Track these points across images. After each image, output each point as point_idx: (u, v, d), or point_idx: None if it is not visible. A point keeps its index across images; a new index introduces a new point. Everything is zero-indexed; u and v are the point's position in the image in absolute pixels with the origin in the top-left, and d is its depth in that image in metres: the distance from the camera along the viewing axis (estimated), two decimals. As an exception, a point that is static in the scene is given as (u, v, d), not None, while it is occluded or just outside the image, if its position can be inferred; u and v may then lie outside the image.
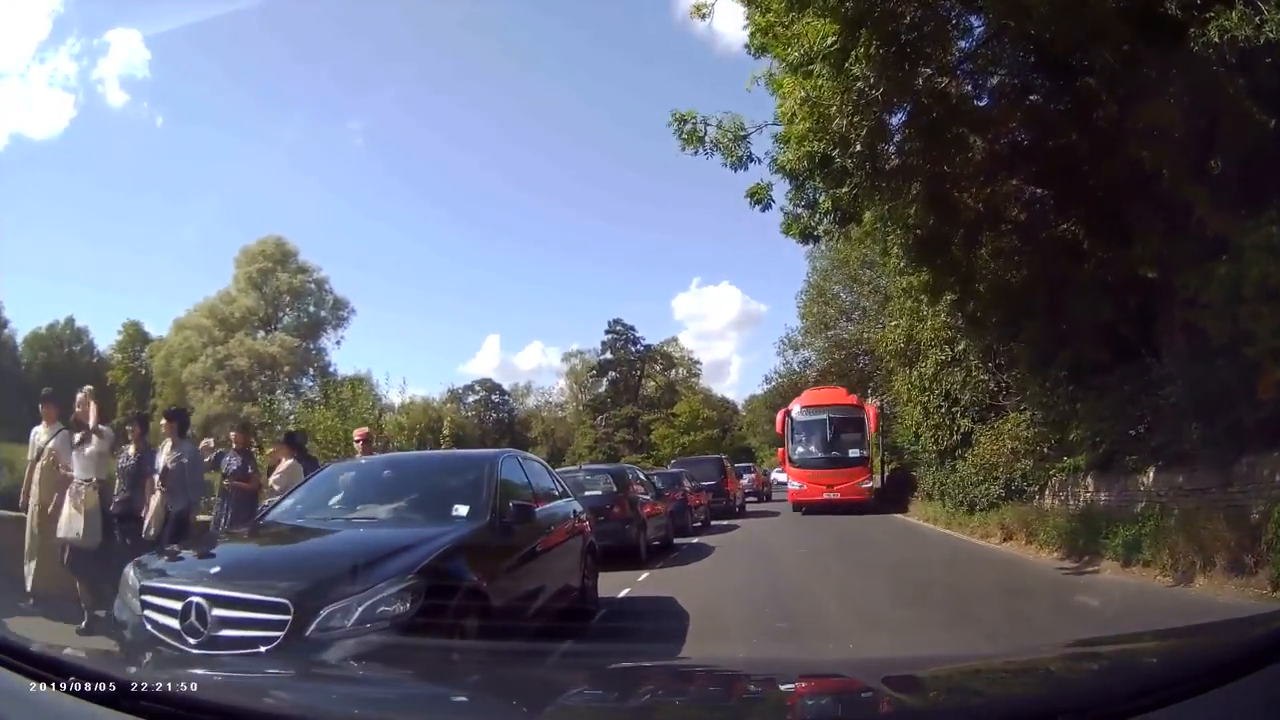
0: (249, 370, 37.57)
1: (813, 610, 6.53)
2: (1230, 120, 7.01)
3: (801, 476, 19.49)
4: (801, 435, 19.82)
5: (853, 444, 19.64)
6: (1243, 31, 5.48)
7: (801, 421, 19.99)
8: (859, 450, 19.68)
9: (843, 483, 18.78)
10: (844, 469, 19.09)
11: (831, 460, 19.22)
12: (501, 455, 5.63)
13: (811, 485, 19.08)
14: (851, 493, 18.69)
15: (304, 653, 3.21)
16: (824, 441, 19.47)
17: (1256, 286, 5.88)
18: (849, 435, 19.68)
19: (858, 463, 19.48)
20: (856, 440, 19.73)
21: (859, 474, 19.35)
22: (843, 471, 19.02)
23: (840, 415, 19.83)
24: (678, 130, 8.78)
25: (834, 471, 18.98)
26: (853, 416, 20.00)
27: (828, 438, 19.40)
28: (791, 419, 20.12)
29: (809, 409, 20.09)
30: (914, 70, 7.61)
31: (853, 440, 19.67)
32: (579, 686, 2.12)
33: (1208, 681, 1.24)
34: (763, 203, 9.22)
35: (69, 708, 1.37)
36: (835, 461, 19.19)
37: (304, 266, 41.49)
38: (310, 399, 18.68)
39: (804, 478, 19.39)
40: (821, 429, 19.60)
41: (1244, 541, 6.02)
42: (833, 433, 19.45)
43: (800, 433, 19.87)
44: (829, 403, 20.18)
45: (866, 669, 2.20)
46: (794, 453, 19.81)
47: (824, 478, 19.00)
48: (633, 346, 49.58)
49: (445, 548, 4.06)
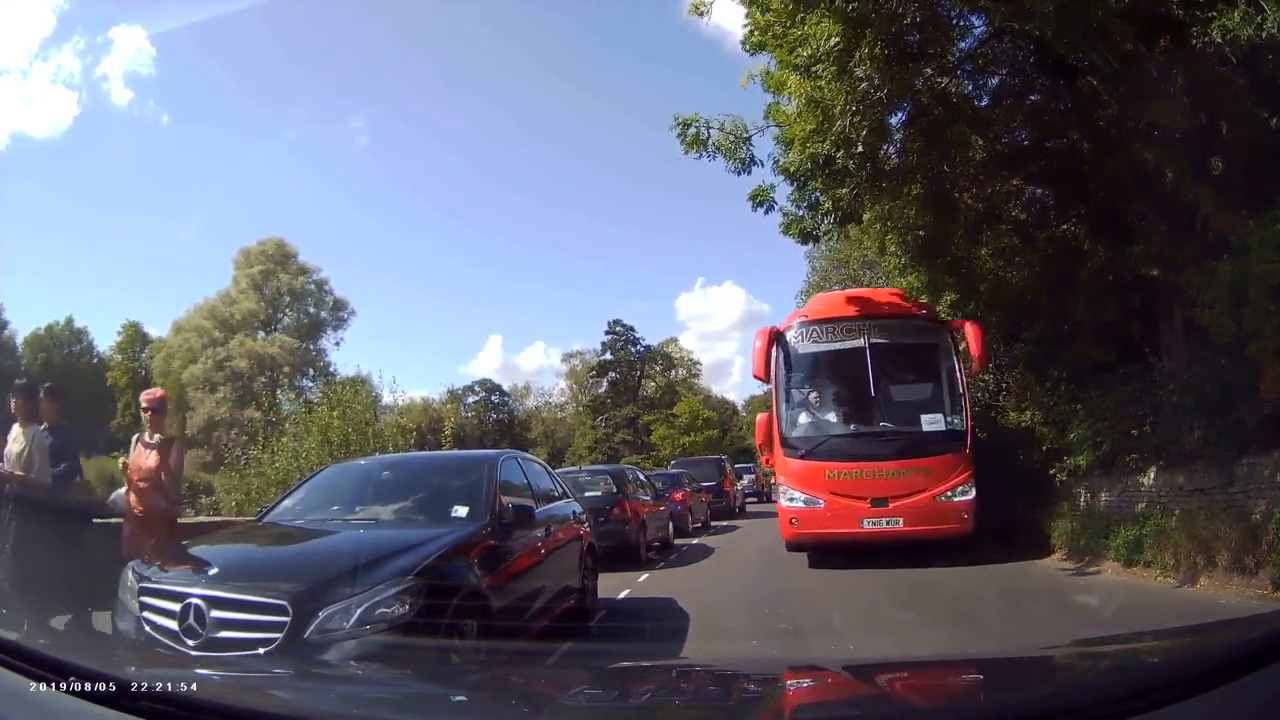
0: (249, 371, 37.58)
1: (813, 611, 6.53)
2: (1231, 118, 7.02)
3: (810, 480, 8.91)
4: (808, 388, 9.52)
5: (927, 401, 9.22)
6: (1244, 32, 5.48)
7: (807, 355, 9.48)
8: (944, 416, 9.01)
9: (909, 492, 8.56)
10: (911, 461, 8.74)
11: (881, 440, 8.95)
12: (501, 456, 5.63)
13: (836, 500, 8.72)
14: (930, 516, 8.50)
15: (303, 654, 3.21)
16: (862, 397, 9.17)
17: (1263, 283, 5.87)
18: (917, 383, 9.60)
19: (941, 445, 8.85)
20: (934, 394, 9.28)
21: (946, 470, 8.68)
22: (909, 467, 8.69)
23: (896, 338, 9.41)
24: (681, 134, 8.78)
25: (887, 468, 8.72)
26: (923, 343, 9.49)
27: (870, 388, 9.02)
28: (786, 352, 9.43)
29: (825, 327, 9.50)
30: (916, 70, 7.62)
31: (927, 394, 9.33)
32: (579, 686, 2.12)
33: (1208, 681, 1.24)
34: (765, 205, 9.22)
35: (69, 708, 1.37)
36: (889, 443, 8.91)
37: (304, 267, 41.54)
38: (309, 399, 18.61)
39: (816, 483, 8.86)
40: (854, 371, 9.16)
41: (1245, 542, 6.02)
42: (882, 376, 9.14)
43: (805, 383, 9.53)
44: (869, 313, 9.63)
45: (866, 669, 2.20)
46: (791, 428, 9.30)
47: (864, 481, 8.73)
48: (633, 347, 49.59)
49: (445, 549, 4.06)
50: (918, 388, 9.60)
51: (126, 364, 45.63)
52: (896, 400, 9.36)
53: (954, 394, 9.07)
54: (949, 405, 9.06)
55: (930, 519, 8.48)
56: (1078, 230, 9.95)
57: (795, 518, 8.93)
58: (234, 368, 37.30)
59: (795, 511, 8.95)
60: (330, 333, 42.35)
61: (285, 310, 41.57)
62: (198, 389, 37.22)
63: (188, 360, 38.06)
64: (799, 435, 9.22)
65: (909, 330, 9.64)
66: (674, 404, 46.17)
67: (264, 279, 40.25)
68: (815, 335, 9.42)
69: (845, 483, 8.70)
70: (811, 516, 8.78)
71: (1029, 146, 9.82)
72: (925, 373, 9.51)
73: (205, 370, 37.20)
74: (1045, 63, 8.25)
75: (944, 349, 9.27)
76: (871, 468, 8.72)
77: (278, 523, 4.84)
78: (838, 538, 8.76)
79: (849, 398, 9.42)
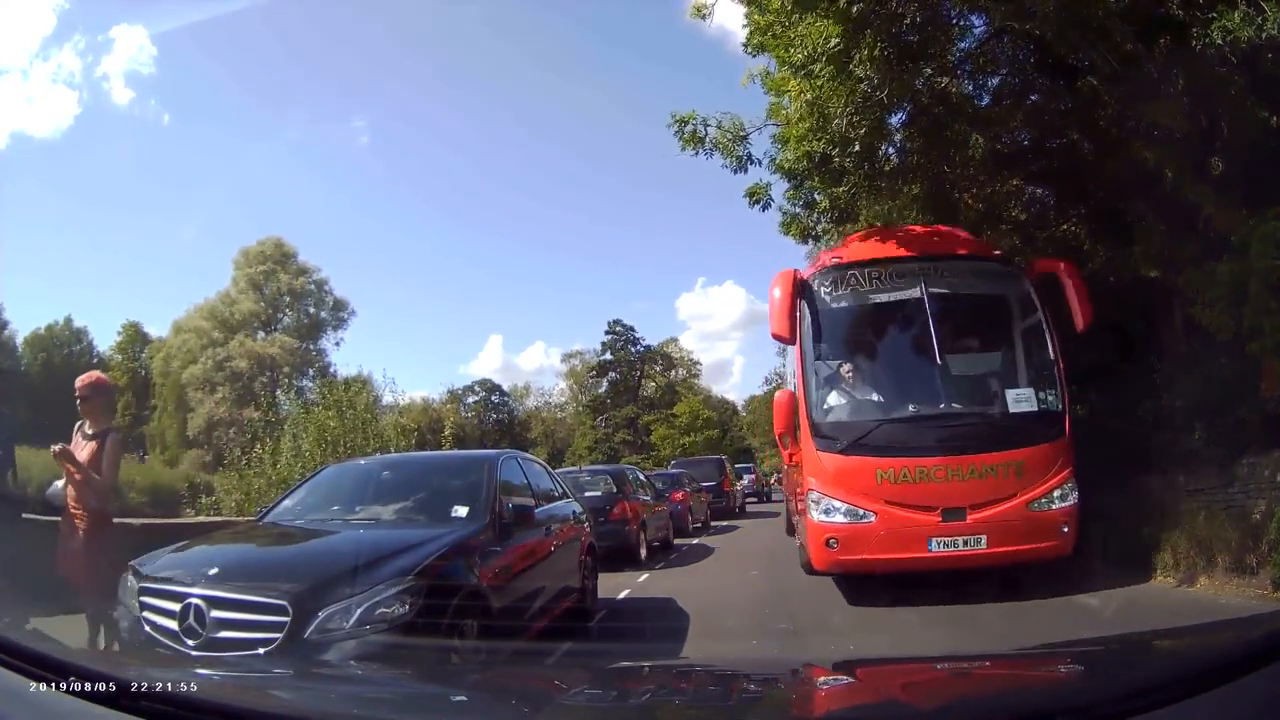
0: (249, 372, 37.60)
1: (813, 610, 6.53)
2: (1231, 118, 7.01)
3: (854, 483, 6.25)
4: (846, 354, 6.94)
5: (1009, 371, 6.87)
6: (1245, 32, 5.48)
7: (846, 311, 6.97)
8: (1035, 392, 6.52)
9: (994, 498, 6.07)
10: (997, 455, 6.14)
11: (954, 426, 6.29)
12: (501, 456, 5.63)
13: (892, 513, 6.11)
14: (1022, 531, 6.03)
15: (303, 654, 3.22)
16: (922, 366, 6.59)
17: (1262, 281, 5.87)
18: (994, 348, 7.14)
19: (1034, 431, 6.30)
20: (1017, 362, 6.89)
21: (1042, 465, 6.19)
22: (995, 463, 6.12)
23: (963, 287, 6.86)
24: (678, 131, 8.79)
25: (965, 464, 6.11)
26: (1000, 293, 7.01)
27: (934, 354, 6.42)
28: (816, 306, 6.83)
29: (868, 272, 6.88)
30: (916, 70, 7.62)
31: (1008, 363, 6.96)
32: (579, 686, 2.12)
33: (1208, 681, 1.24)
34: (761, 202, 9.24)
35: (69, 708, 1.37)
36: (966, 430, 6.28)
37: (304, 267, 41.61)
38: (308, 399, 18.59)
39: (863, 487, 6.21)
40: (911, 331, 6.79)
41: (1245, 542, 6.01)
42: (948, 337, 6.62)
43: (842, 347, 6.97)
44: (926, 252, 7.13)
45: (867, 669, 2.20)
46: (824, 410, 6.64)
47: (932, 486, 6.10)
48: (633, 347, 49.62)
49: (445, 549, 4.06)
50: (995, 354, 7.02)
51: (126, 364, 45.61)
52: (969, 371, 6.84)
53: (1043, 362, 6.55)
54: (1038, 377, 6.57)
55: (1022, 535, 5.95)
56: (1078, 230, 9.95)
57: (834, 538, 6.14)
58: (234, 368, 37.33)
59: (834, 529, 6.15)
60: (330, 333, 42.46)
61: (285, 310, 41.62)
62: (198, 389, 37.26)
63: (187, 360, 38.09)
64: (837, 420, 6.50)
65: (980, 276, 6.94)
66: (674, 404, 46.21)
67: (264, 279, 40.29)
68: (855, 283, 6.80)
69: (906, 488, 6.07)
70: (858, 536, 6.07)
71: (1029, 146, 9.82)
72: (1004, 333, 6.94)
73: (205, 370, 37.23)
74: (1045, 63, 8.25)
75: (1027, 301, 6.73)
76: (943, 465, 6.04)
77: (278, 523, 4.84)
78: (895, 566, 6.06)
79: (905, 367, 6.79)
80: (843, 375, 6.83)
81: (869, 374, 6.92)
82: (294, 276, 41.15)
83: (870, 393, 6.82)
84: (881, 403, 6.72)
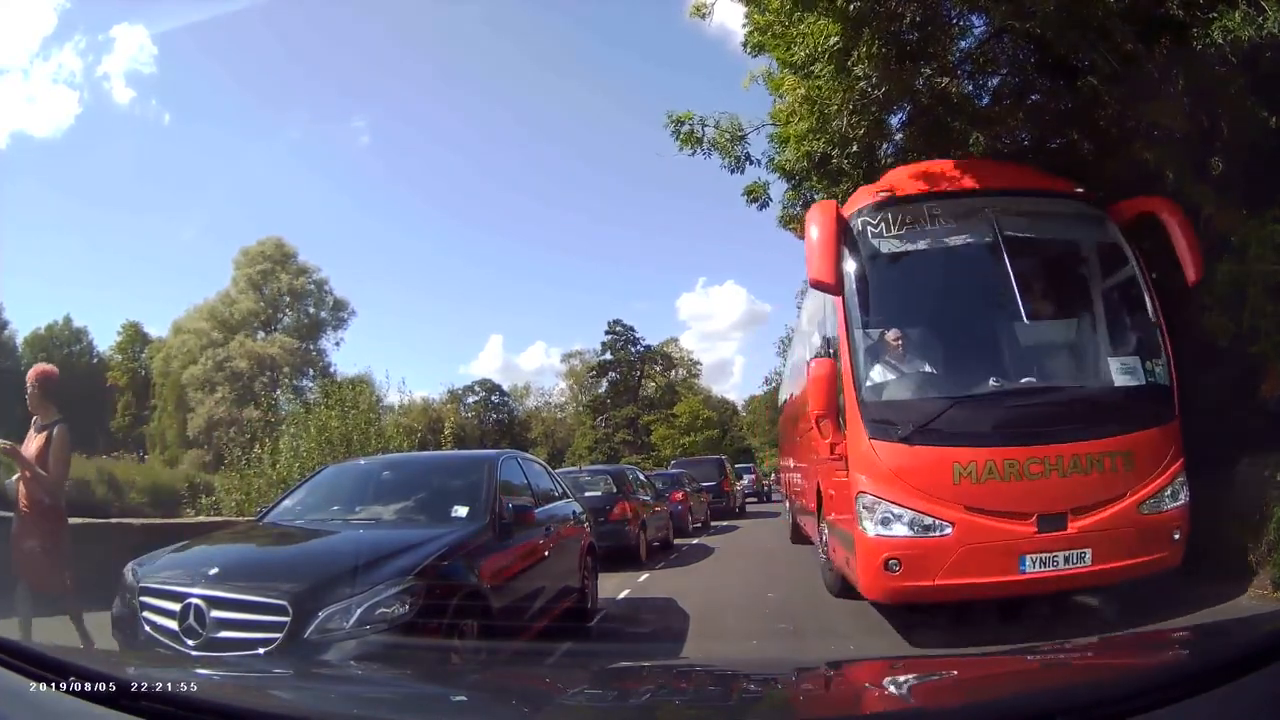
0: (249, 371, 37.61)
1: (813, 610, 6.52)
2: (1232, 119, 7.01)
3: (924, 482, 4.73)
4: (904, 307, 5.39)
5: (1104, 336, 5.35)
6: (1245, 32, 5.48)
7: (900, 257, 5.32)
8: (1137, 363, 5.07)
9: (1101, 499, 4.69)
10: (1102, 441, 4.74)
11: (1048, 404, 4.87)
12: (501, 456, 5.63)
13: (976, 522, 4.63)
14: (1132, 541, 4.67)
15: (303, 654, 3.22)
16: (1001, 327, 5.18)
17: (1261, 282, 5.87)
18: (1084, 307, 5.53)
19: (1141, 411, 4.94)
20: (1112, 325, 5.41)
21: (1151, 454, 4.84)
22: (1101, 452, 4.72)
23: (1042, 229, 5.52)
24: (675, 131, 8.80)
25: (1067, 454, 4.68)
26: (1085, 238, 5.61)
27: (1017, 311, 4.97)
28: (862, 251, 5.22)
29: (927, 208, 5.38)
30: (915, 70, 7.62)
31: (1102, 326, 5.41)
32: (579, 686, 2.12)
33: (1208, 681, 1.24)
34: (760, 201, 9.25)
35: (69, 708, 1.37)
36: (1064, 410, 4.84)
37: (304, 267, 41.63)
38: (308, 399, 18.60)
39: (935, 487, 4.70)
40: (983, 283, 5.28)
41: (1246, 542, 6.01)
42: (1029, 291, 5.10)
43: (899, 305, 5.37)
44: (996, 185, 5.70)
45: (867, 669, 2.20)
46: (879, 386, 5.04)
47: (1026, 484, 4.63)
48: (632, 347, 49.62)
49: (445, 549, 4.06)
50: (1086, 313, 5.48)
51: (126, 364, 45.65)
52: (1059, 335, 5.41)
53: (1143, 323, 5.18)
54: (1139, 343, 5.17)
55: (1131, 546, 4.66)
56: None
57: (897, 558, 4.67)
58: (234, 368, 37.35)
59: (897, 546, 4.69)
60: (330, 333, 42.51)
61: (285, 310, 41.65)
62: (197, 389, 37.26)
63: (187, 361, 38.10)
64: (897, 399, 4.98)
65: (1062, 218, 5.53)
66: (674, 404, 46.21)
67: (264, 279, 40.30)
68: (911, 222, 5.26)
69: (993, 488, 4.61)
70: (930, 555, 4.63)
71: (1029, 146, 9.79)
72: (1095, 287, 5.51)
73: (205, 371, 37.25)
74: (1045, 63, 8.24)
75: (1117, 249, 5.36)
76: (1039, 456, 4.65)
77: (278, 523, 4.84)
78: (976, 593, 4.71)
79: (980, 329, 5.29)
80: (896, 341, 5.18)
81: (933, 338, 5.32)
82: (294, 276, 41.17)
83: (936, 362, 5.19)
84: (952, 375, 5.10)
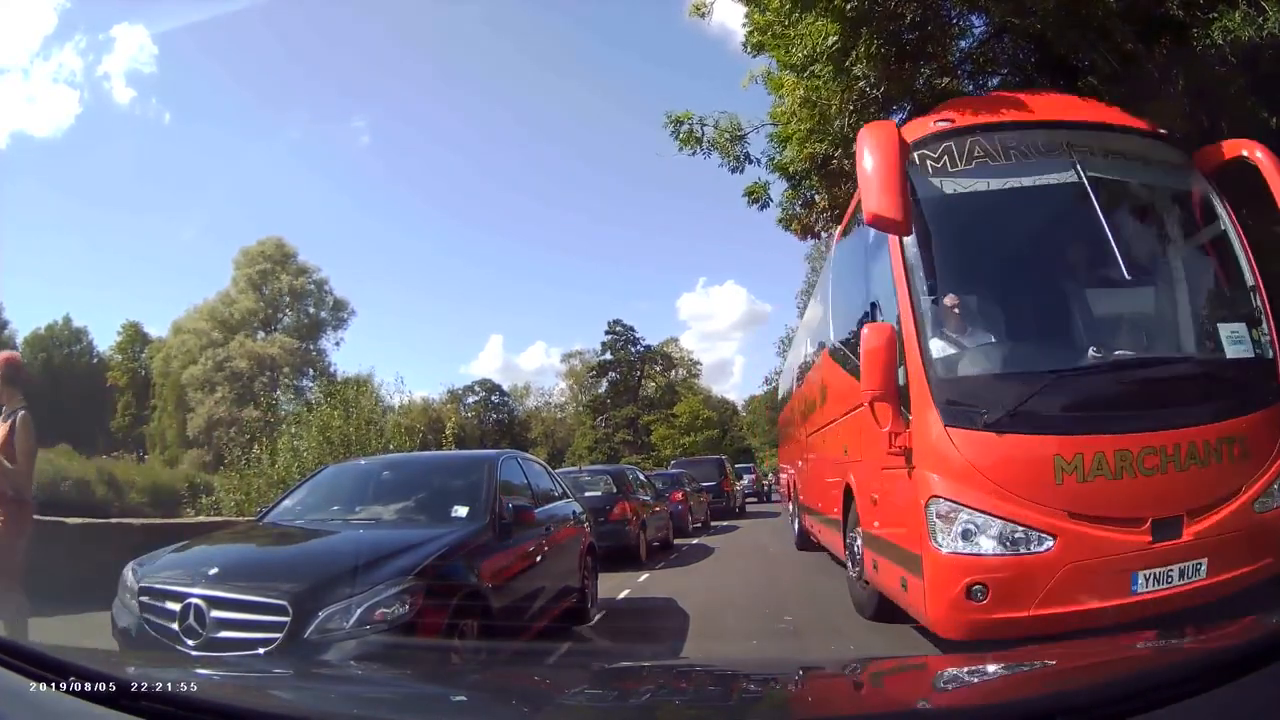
0: (249, 371, 37.62)
1: (813, 610, 6.53)
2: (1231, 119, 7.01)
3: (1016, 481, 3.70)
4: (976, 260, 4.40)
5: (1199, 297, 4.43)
6: (1245, 33, 5.49)
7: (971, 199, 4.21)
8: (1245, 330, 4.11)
9: (1217, 498, 3.81)
10: (1217, 426, 3.84)
11: (1158, 379, 3.94)
12: (501, 456, 5.62)
13: (1081, 531, 3.63)
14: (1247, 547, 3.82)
15: (303, 654, 3.21)
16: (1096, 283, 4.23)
17: None
18: (1178, 263, 4.48)
19: (1251, 388, 4.03)
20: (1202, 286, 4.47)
21: (1261, 441, 3.93)
22: (1218, 438, 3.82)
23: (1128, 172, 4.45)
24: (674, 131, 8.80)
25: (1184, 441, 3.74)
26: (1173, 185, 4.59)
27: (1115, 267, 3.96)
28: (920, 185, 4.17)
29: (999, 139, 4.31)
30: (915, 70, 7.63)
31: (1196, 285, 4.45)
32: (579, 686, 2.12)
33: (1208, 681, 1.24)
34: (760, 201, 9.25)
35: (69, 708, 1.37)
36: (1175, 387, 3.92)
37: (304, 267, 41.66)
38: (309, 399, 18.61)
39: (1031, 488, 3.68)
40: (1070, 233, 4.35)
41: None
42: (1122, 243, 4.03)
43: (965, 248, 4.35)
44: (1075, 117, 4.66)
45: (867, 669, 2.20)
46: (955, 357, 3.97)
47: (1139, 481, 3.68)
48: (632, 347, 49.63)
49: (445, 549, 4.06)
50: (1182, 272, 4.53)
51: (126, 364, 45.65)
52: (1158, 298, 4.42)
53: (1242, 287, 4.31)
54: (1242, 309, 4.27)
55: (1244, 552, 3.88)
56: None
57: (983, 583, 3.67)
58: (234, 368, 37.36)
59: (984, 568, 3.70)
60: (330, 333, 42.55)
61: (285, 310, 41.67)
62: (197, 389, 37.26)
63: (187, 361, 38.11)
64: (979, 373, 4.00)
65: (1145, 160, 4.55)
66: (674, 404, 46.22)
67: (264, 279, 40.31)
68: (981, 156, 4.27)
69: (1101, 488, 3.69)
70: (1026, 578, 3.66)
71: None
72: (1189, 241, 4.62)
73: (205, 371, 37.26)
74: (1045, 62, 8.24)
75: (1209, 199, 4.50)
76: (1154, 445, 3.77)
77: (278, 523, 4.83)
78: (1081, 623, 3.65)
79: (1069, 289, 4.34)
80: (966, 303, 4.13)
81: (1014, 297, 4.31)
82: (294, 276, 41.19)
83: (1020, 327, 4.24)
84: (1042, 344, 4.20)
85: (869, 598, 5.48)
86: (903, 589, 4.40)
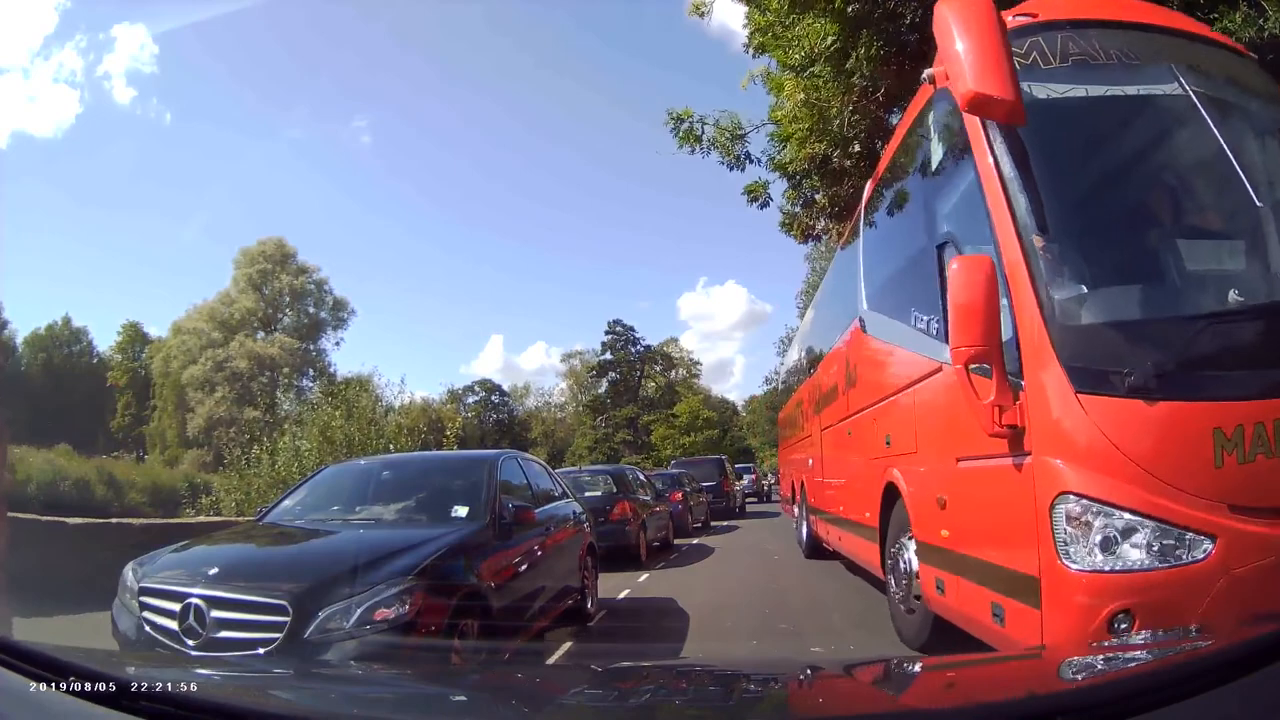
0: (249, 372, 37.60)
1: (813, 610, 6.53)
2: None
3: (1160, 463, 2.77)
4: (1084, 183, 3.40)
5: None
6: (1246, 33, 5.48)
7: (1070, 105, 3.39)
8: None
9: None
10: None
11: None
12: (501, 456, 5.62)
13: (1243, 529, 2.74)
14: None
15: (303, 654, 3.21)
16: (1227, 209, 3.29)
17: None
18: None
19: None
20: None
21: None
22: None
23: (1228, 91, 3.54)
24: (674, 129, 8.81)
25: None
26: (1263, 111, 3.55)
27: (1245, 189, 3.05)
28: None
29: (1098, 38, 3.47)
30: (915, 70, 7.63)
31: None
32: (579, 686, 2.12)
33: (1208, 681, 1.24)
34: (760, 200, 9.25)
35: (69, 708, 1.37)
36: None
37: (304, 267, 41.64)
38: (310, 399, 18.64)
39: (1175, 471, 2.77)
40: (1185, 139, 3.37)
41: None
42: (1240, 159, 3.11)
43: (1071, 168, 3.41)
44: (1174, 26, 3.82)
45: (867, 669, 2.20)
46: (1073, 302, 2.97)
47: None
48: (632, 347, 49.63)
49: (445, 549, 4.05)
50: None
51: (126, 364, 45.65)
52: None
53: None
54: None
55: None
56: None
57: (1129, 609, 2.75)
58: (234, 368, 37.33)
59: (1132, 588, 2.78)
60: (330, 333, 42.52)
61: (285, 310, 41.64)
62: (197, 389, 37.24)
63: (187, 361, 38.08)
64: (1122, 318, 3.08)
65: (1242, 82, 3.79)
66: (674, 404, 46.22)
67: (264, 279, 40.29)
68: (1078, 57, 3.51)
69: (1263, 470, 2.84)
70: (1180, 597, 2.76)
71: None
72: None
73: (205, 371, 37.24)
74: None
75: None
76: None
77: (278, 523, 4.83)
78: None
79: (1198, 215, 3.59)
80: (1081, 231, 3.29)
81: (1137, 226, 3.43)
82: (294, 276, 41.17)
83: (1151, 264, 3.32)
84: (1182, 284, 3.28)
85: (920, 623, 4.52)
86: (995, 620, 3.38)
